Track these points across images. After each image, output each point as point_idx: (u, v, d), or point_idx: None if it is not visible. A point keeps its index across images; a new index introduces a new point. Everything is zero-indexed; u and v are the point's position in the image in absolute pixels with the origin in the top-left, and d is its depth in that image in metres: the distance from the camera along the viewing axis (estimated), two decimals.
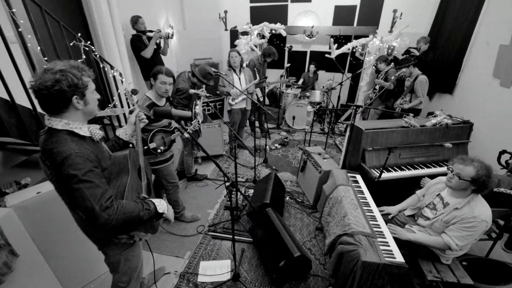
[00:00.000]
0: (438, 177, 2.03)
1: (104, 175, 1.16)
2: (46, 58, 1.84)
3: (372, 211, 2.06)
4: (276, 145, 4.48)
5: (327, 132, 4.37)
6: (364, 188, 2.34)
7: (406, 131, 2.59)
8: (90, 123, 1.21)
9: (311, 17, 5.30)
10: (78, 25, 2.98)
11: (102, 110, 2.08)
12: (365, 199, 2.20)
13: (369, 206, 2.12)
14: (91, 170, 1.06)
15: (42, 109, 1.07)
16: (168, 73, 2.05)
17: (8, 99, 1.71)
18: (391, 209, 2.18)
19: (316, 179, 2.84)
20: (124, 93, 1.76)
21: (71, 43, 2.08)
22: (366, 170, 2.49)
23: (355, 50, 5.10)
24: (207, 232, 2.61)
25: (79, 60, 2.13)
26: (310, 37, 4.97)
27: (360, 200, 2.14)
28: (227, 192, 1.74)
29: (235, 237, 2.01)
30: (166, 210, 1.30)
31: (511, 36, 2.85)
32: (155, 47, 3.54)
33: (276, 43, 5.59)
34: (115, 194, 1.18)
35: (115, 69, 2.64)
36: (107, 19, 2.70)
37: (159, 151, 2.09)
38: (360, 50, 5.13)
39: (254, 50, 4.95)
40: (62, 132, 1.07)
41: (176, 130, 2.24)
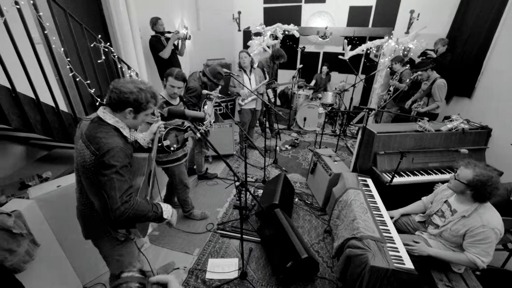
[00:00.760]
0: (446, 183, 1.98)
1: (131, 166, 1.30)
2: (68, 59, 1.94)
3: (382, 216, 2.03)
4: (287, 146, 4.48)
5: (338, 134, 4.33)
6: (374, 192, 2.31)
7: (420, 135, 2.53)
8: None
9: (325, 18, 5.25)
10: (98, 27, 3.10)
11: None
12: (375, 203, 2.17)
13: (379, 210, 2.09)
14: (126, 166, 1.21)
15: (107, 104, 1.26)
16: (178, 76, 2.09)
17: (34, 97, 1.82)
18: (393, 212, 2.15)
19: (326, 181, 2.83)
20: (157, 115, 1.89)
21: (92, 44, 2.18)
22: (378, 174, 2.46)
23: (369, 51, 5.01)
24: (216, 230, 2.66)
25: (99, 61, 2.23)
26: (324, 38, 4.93)
27: (370, 204, 2.12)
28: (237, 191, 1.77)
29: (243, 236, 2.04)
30: (170, 216, 1.39)
31: None
32: (173, 47, 3.62)
33: (288, 44, 5.58)
34: (132, 186, 1.27)
35: (131, 69, 2.73)
36: (125, 21, 2.79)
37: (172, 149, 2.15)
38: (374, 51, 5.03)
39: (266, 51, 4.97)
40: (111, 126, 1.25)
41: (189, 129, 2.29)
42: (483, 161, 2.62)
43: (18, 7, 1.59)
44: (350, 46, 4.70)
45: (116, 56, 2.39)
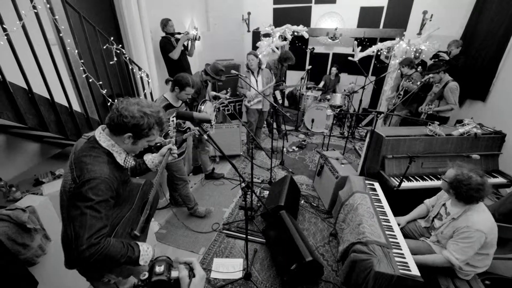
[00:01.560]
0: None
1: (115, 200, 1.15)
2: (82, 61, 2.00)
3: (389, 221, 2.00)
4: (294, 147, 4.47)
5: (346, 137, 4.28)
6: (382, 196, 2.28)
7: (430, 139, 2.48)
8: None
9: (335, 18, 5.20)
10: (111, 28, 3.19)
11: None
12: (382, 208, 2.14)
13: (386, 215, 2.06)
14: (106, 200, 1.06)
15: (106, 124, 1.13)
16: (194, 85, 2.21)
17: (48, 97, 1.89)
18: (399, 219, 2.12)
19: (332, 184, 2.81)
20: (170, 123, 1.89)
21: (104, 46, 2.24)
22: (385, 178, 2.42)
23: (380, 53, 4.93)
24: (221, 230, 2.68)
25: (111, 62, 2.29)
26: (333, 39, 4.89)
27: (377, 208, 2.10)
28: (242, 193, 1.79)
29: (248, 237, 2.06)
30: (148, 260, 1.16)
31: None
32: (182, 48, 3.68)
33: (298, 45, 5.56)
34: (109, 223, 1.10)
35: (142, 70, 2.80)
36: (136, 22, 2.86)
37: None
38: (385, 53, 4.95)
39: (275, 52, 4.97)
40: (104, 150, 1.12)
41: (188, 130, 2.39)
42: (496, 167, 2.54)
43: (36, 11, 1.65)
44: (360, 48, 4.65)
45: (128, 58, 2.45)
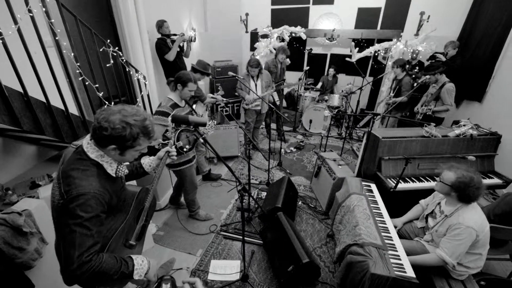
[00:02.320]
0: None
1: (106, 213, 1.10)
2: (78, 64, 2.00)
3: (385, 223, 2.01)
4: (292, 148, 4.48)
5: (344, 137, 4.30)
6: (378, 198, 2.29)
7: (427, 141, 2.49)
8: None
9: (332, 19, 5.22)
10: (108, 30, 3.18)
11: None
12: (378, 209, 2.15)
13: (382, 217, 2.07)
14: (97, 216, 1.00)
15: (90, 135, 1.06)
16: (195, 80, 2.21)
17: (45, 101, 1.88)
18: (395, 221, 2.13)
19: (329, 185, 2.82)
20: (171, 128, 1.94)
21: (101, 49, 2.24)
22: (382, 179, 2.43)
23: (377, 54, 4.95)
24: (219, 231, 2.69)
25: (108, 65, 2.29)
26: (331, 40, 4.91)
27: (373, 210, 2.11)
28: (239, 195, 1.79)
29: (245, 238, 2.06)
30: (143, 274, 1.13)
31: None
32: (178, 50, 3.68)
33: (295, 46, 5.58)
34: (100, 239, 1.06)
35: (139, 72, 2.79)
36: (134, 23, 2.86)
37: (185, 149, 2.15)
38: (382, 53, 4.97)
39: (273, 53, 4.98)
40: (92, 162, 1.06)
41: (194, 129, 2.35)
42: (492, 168, 2.56)
43: (31, 15, 1.65)
44: (357, 49, 4.66)
45: (124, 60, 2.45)
